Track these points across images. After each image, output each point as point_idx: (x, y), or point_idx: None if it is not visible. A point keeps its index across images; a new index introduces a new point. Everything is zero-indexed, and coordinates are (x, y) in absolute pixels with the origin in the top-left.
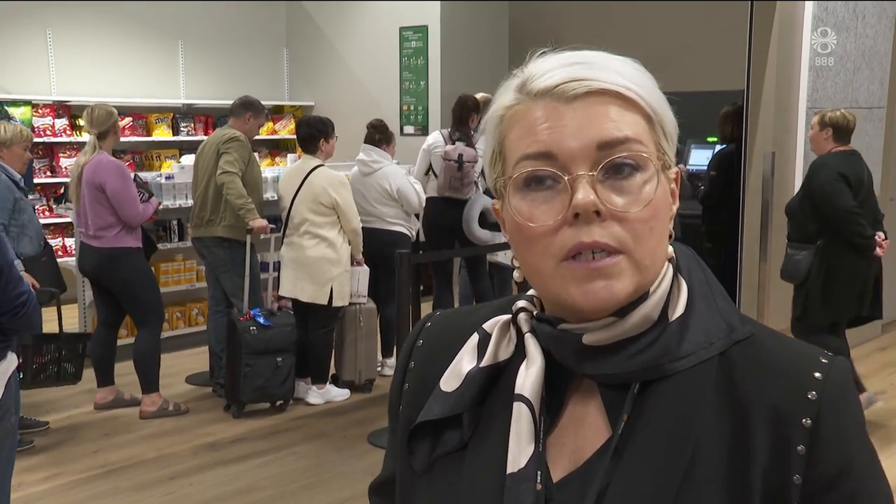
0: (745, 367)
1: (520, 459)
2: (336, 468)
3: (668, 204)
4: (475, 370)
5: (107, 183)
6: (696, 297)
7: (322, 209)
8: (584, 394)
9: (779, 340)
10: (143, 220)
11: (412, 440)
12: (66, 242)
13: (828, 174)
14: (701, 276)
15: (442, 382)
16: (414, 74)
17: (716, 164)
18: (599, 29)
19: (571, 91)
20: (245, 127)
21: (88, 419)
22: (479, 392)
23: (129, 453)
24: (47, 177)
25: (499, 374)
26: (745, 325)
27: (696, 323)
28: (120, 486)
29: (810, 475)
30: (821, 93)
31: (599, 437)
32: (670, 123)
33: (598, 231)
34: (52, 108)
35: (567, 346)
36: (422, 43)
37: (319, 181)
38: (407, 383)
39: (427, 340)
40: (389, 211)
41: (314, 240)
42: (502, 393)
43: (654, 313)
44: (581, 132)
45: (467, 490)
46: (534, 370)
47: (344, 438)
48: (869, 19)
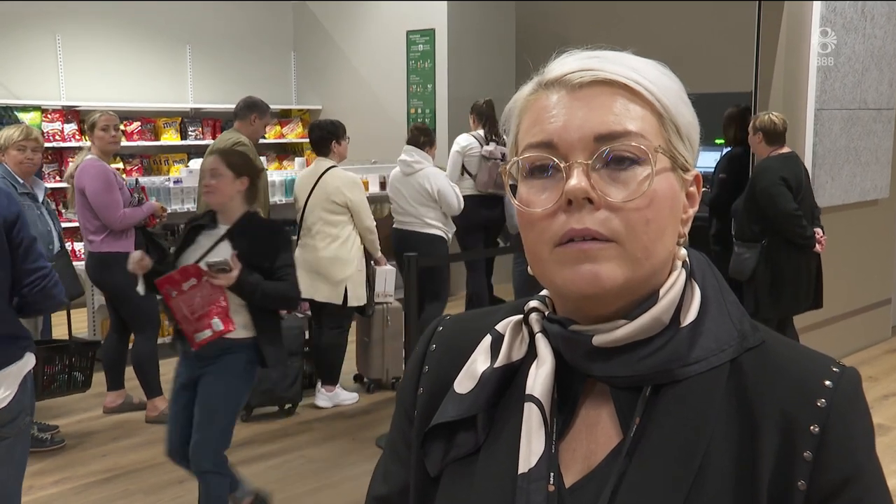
0: (755, 373)
1: (531, 459)
2: (344, 471)
3: (673, 202)
4: (489, 371)
5: (86, 187)
6: (708, 303)
7: (336, 208)
8: (597, 397)
9: (790, 348)
10: (127, 224)
11: (426, 443)
12: (76, 247)
13: (770, 178)
14: (714, 282)
15: (456, 384)
16: (421, 78)
17: (724, 166)
18: (606, 30)
19: (578, 79)
20: (251, 129)
21: (98, 423)
22: (494, 393)
23: (138, 457)
24: (56, 181)
25: (513, 375)
26: (756, 332)
27: (708, 329)
28: (129, 490)
29: (815, 482)
30: (829, 94)
31: (611, 441)
32: (687, 124)
33: (590, 218)
34: (62, 114)
35: (577, 348)
36: (429, 46)
37: (333, 181)
38: (421, 388)
39: (440, 344)
40: (429, 213)
41: (326, 240)
42: (515, 395)
43: (665, 317)
44: (582, 122)
45: (480, 492)
46: (544, 370)
47: (352, 441)
48: (877, 20)
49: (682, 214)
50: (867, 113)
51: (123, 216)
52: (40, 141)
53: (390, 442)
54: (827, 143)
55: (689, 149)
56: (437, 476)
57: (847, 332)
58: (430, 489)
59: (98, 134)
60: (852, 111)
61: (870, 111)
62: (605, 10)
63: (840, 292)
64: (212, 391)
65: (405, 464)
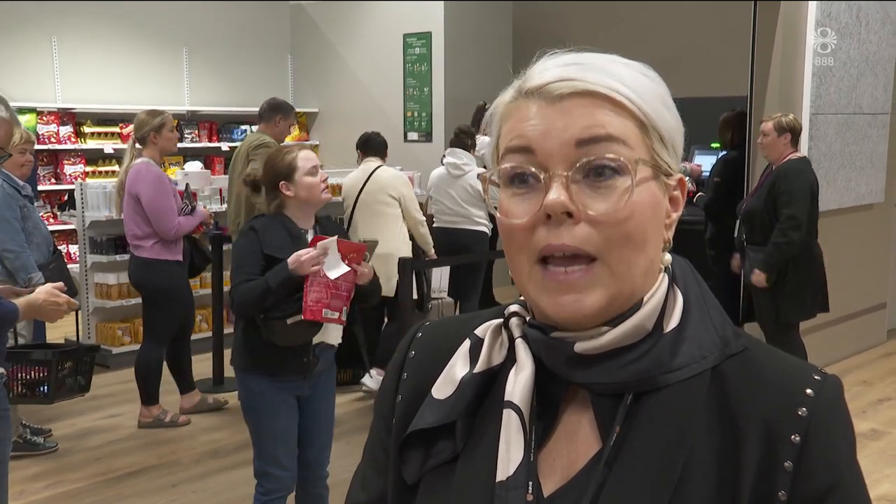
0: (737, 381)
1: (509, 467)
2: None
3: (655, 211)
4: (468, 376)
5: (141, 193)
6: (691, 309)
7: (389, 201)
8: (578, 404)
9: (772, 355)
10: (180, 233)
11: (403, 450)
12: (71, 249)
13: (803, 182)
14: (696, 288)
15: (434, 390)
16: (418, 81)
17: (719, 169)
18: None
19: (557, 91)
20: (275, 130)
21: (91, 426)
22: (473, 400)
23: (131, 460)
24: (52, 184)
25: (493, 381)
26: (738, 338)
27: (690, 335)
28: (123, 494)
29: (796, 492)
30: (824, 98)
31: (591, 449)
32: (670, 129)
33: (568, 234)
34: (57, 116)
35: (558, 354)
36: (425, 49)
37: (386, 176)
38: (400, 395)
39: (419, 351)
40: (477, 211)
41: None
42: (495, 401)
43: (648, 323)
44: (561, 131)
45: (457, 501)
46: (523, 376)
47: (347, 445)
48: (872, 25)
49: (666, 220)
50: (862, 117)
51: (179, 226)
52: (34, 142)
53: (369, 448)
54: (822, 148)
55: (672, 154)
56: (416, 484)
57: (842, 336)
58: (407, 497)
59: (167, 135)
60: (847, 116)
61: (864, 115)
62: (603, 11)
63: (836, 296)
64: (332, 408)
65: (383, 471)
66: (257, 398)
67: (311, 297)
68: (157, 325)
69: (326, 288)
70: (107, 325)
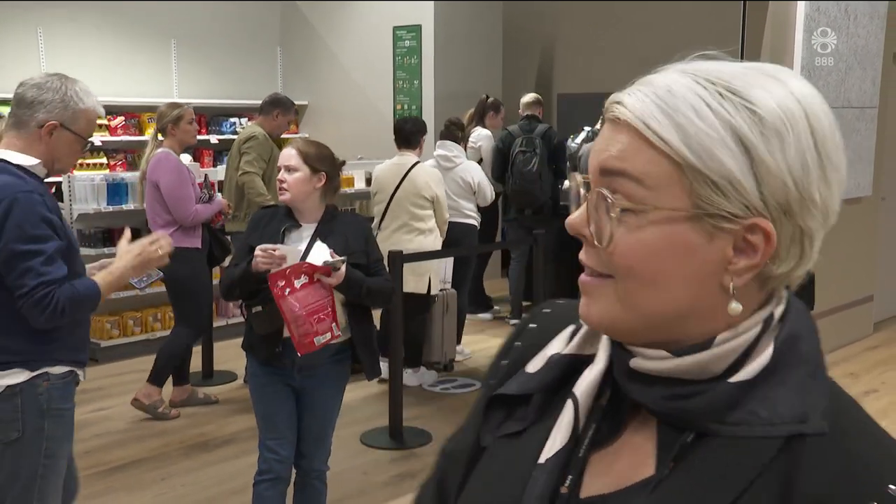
0: (810, 462)
1: (551, 452)
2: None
3: (677, 254)
4: (558, 356)
5: (160, 181)
6: (779, 368)
7: (424, 202)
8: (647, 420)
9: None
10: (197, 220)
11: (487, 412)
12: None
13: None
14: (803, 349)
15: (529, 363)
16: (408, 74)
17: None
18: (592, 29)
19: (610, 113)
20: (273, 124)
21: (80, 420)
22: (556, 379)
23: (121, 454)
24: None
25: (579, 369)
26: (825, 418)
27: (762, 395)
28: (113, 487)
29: None
30: None
31: (644, 472)
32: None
33: (588, 251)
34: None
35: (620, 364)
36: (415, 42)
37: (422, 176)
38: (507, 360)
39: (540, 323)
40: (467, 204)
41: (413, 233)
42: (571, 387)
43: (715, 367)
44: (598, 154)
45: (502, 474)
46: (593, 373)
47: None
48: (861, 19)
49: (728, 265)
50: (851, 111)
51: (196, 213)
52: None
53: (473, 405)
54: None
55: (727, 197)
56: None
57: (829, 328)
58: (477, 458)
59: (184, 127)
60: (836, 109)
61: (853, 109)
62: (591, 8)
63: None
64: (329, 403)
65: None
66: (252, 380)
67: (299, 332)
68: (192, 311)
69: (307, 318)
70: (95, 318)
